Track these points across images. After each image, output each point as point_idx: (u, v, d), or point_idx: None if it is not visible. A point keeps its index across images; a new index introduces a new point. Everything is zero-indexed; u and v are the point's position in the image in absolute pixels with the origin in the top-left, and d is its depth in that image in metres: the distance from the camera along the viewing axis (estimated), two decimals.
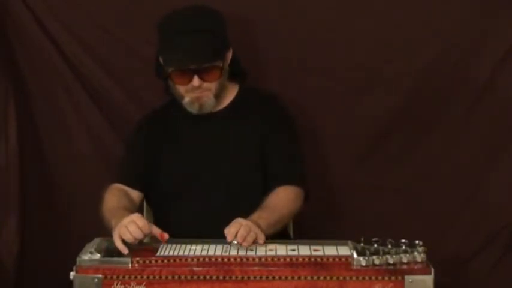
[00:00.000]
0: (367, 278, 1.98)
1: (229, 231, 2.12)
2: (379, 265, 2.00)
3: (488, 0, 2.71)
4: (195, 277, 2.01)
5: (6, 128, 2.78)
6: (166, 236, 2.14)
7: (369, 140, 2.82)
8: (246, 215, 2.21)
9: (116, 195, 2.40)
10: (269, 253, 2.07)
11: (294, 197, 2.40)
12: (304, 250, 2.08)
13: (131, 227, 2.09)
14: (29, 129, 2.84)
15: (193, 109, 2.44)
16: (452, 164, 2.81)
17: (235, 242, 2.09)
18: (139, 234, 2.09)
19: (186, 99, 2.43)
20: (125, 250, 2.08)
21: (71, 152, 2.87)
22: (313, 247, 2.10)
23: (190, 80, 2.38)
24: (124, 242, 2.09)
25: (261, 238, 2.14)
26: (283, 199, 2.37)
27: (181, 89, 2.42)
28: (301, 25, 2.75)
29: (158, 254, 2.08)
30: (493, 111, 2.77)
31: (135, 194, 2.46)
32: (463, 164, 2.81)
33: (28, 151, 2.84)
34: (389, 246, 2.04)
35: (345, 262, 2.03)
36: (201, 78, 2.38)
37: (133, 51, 2.79)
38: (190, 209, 2.45)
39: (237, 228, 2.11)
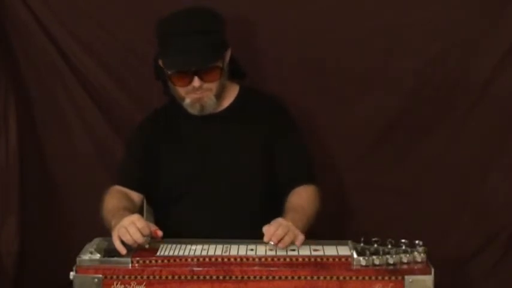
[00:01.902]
0: (367, 278, 1.99)
1: (268, 230, 2.09)
2: (379, 265, 2.00)
3: (488, 0, 2.71)
4: (195, 277, 2.01)
5: (6, 128, 2.78)
6: (160, 233, 2.14)
7: (369, 140, 2.82)
8: (246, 215, 2.21)
9: (115, 197, 2.40)
10: (269, 253, 2.07)
11: (315, 196, 2.42)
12: (304, 250, 2.09)
13: (131, 228, 2.09)
14: (29, 129, 2.84)
15: (195, 110, 2.44)
16: (452, 164, 2.81)
17: (272, 243, 2.07)
18: (138, 237, 2.09)
19: (187, 101, 2.43)
20: (123, 250, 2.08)
21: (71, 152, 2.87)
22: (313, 247, 2.11)
23: (191, 81, 2.38)
24: (123, 243, 2.09)
25: (299, 239, 2.12)
26: (307, 200, 2.38)
27: (181, 90, 2.41)
28: (301, 25, 2.75)
29: (158, 254, 2.09)
30: (492, 112, 2.77)
31: (135, 196, 2.47)
32: (463, 164, 2.81)
33: (28, 151, 2.84)
34: (389, 246, 2.04)
35: (345, 262, 2.03)
36: (201, 79, 2.38)
37: (134, 51, 2.79)
38: (191, 210, 2.45)
39: (276, 228, 2.09)
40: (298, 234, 2.13)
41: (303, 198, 2.38)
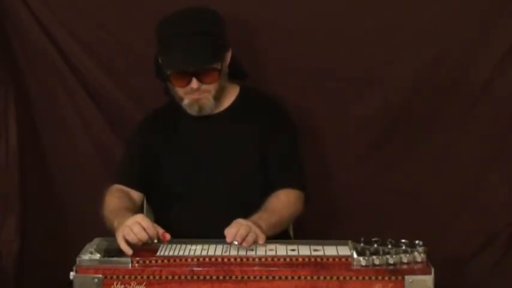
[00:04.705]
0: (367, 278, 1.99)
1: (229, 231, 2.12)
2: (379, 265, 2.00)
3: (488, 0, 2.71)
4: (195, 277, 2.01)
5: (6, 128, 2.78)
6: (168, 236, 2.14)
7: (369, 140, 2.82)
8: (246, 215, 2.22)
9: (117, 196, 2.40)
10: (269, 253, 2.07)
11: (295, 199, 2.41)
12: (304, 250, 2.08)
13: (135, 227, 2.09)
14: (29, 129, 2.84)
15: (193, 111, 2.44)
16: (452, 164, 2.81)
17: (235, 243, 2.09)
18: (143, 236, 2.09)
19: (186, 101, 2.43)
20: (129, 251, 2.07)
21: (71, 152, 2.87)
22: (313, 247, 2.11)
23: (189, 82, 2.38)
24: (128, 243, 2.09)
25: (261, 238, 2.14)
26: (283, 201, 2.37)
27: (180, 91, 2.42)
28: (301, 25, 2.75)
29: (158, 254, 2.09)
30: (493, 111, 2.77)
31: (136, 195, 2.46)
32: (463, 164, 2.81)
33: (28, 151, 2.84)
34: (389, 246, 2.04)
35: (345, 262, 2.03)
36: (200, 81, 2.38)
37: (133, 51, 2.79)
38: (190, 209, 2.46)
39: (237, 229, 2.11)
40: (259, 233, 2.13)
41: (280, 200, 2.37)
